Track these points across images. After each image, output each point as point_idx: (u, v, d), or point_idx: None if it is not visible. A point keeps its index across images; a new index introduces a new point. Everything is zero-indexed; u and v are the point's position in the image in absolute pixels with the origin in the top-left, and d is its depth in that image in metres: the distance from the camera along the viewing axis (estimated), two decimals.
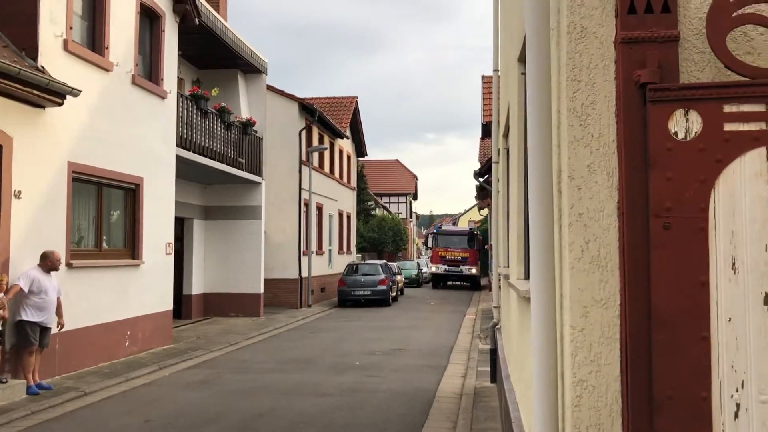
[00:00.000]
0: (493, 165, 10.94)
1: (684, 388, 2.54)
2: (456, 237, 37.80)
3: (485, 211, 32.91)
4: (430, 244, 39.51)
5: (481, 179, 21.93)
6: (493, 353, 10.02)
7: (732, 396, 2.51)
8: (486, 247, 27.59)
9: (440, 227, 42.95)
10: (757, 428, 2.48)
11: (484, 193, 23.29)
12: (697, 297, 2.54)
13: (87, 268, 11.31)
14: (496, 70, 10.90)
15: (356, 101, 33.22)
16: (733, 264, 2.53)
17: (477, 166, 25.12)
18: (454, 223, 70.89)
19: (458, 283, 38.17)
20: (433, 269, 37.52)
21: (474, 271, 36.08)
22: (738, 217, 2.54)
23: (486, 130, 21.83)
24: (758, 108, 2.53)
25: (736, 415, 2.50)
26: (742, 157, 2.54)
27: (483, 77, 25.50)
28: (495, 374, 9.82)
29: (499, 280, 10.65)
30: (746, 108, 2.54)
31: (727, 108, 2.55)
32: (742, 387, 2.51)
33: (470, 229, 39.93)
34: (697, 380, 2.53)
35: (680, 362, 2.54)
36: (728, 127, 2.54)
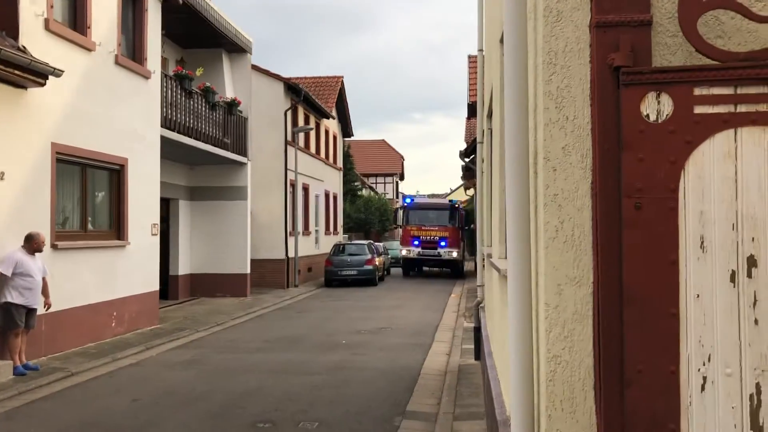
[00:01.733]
0: (478, 145, 11.02)
1: (653, 363, 2.62)
2: (433, 212, 30.48)
3: (471, 191, 27.77)
4: (399, 221, 31.47)
5: (467, 159, 21.98)
6: (477, 331, 10.16)
7: (699, 369, 2.60)
8: (472, 226, 27.72)
9: (413, 199, 33.49)
10: (723, 400, 2.58)
11: (470, 173, 23.34)
12: (666, 275, 2.62)
13: (72, 250, 11.30)
14: (480, 50, 10.94)
15: (342, 81, 33.09)
16: (702, 243, 2.61)
17: (463, 146, 25.15)
18: (432, 197, 58.53)
19: (435, 269, 32.19)
20: (404, 252, 30.13)
21: (455, 254, 29.39)
22: (707, 198, 2.61)
23: (472, 110, 21.85)
24: (727, 91, 2.59)
25: (703, 388, 2.60)
26: (712, 138, 2.60)
27: (469, 57, 25.51)
28: (479, 352, 9.96)
29: (483, 259, 10.76)
30: (716, 91, 2.60)
31: (698, 91, 2.61)
32: (709, 361, 2.60)
33: (451, 202, 32.46)
34: (666, 355, 2.62)
35: (650, 338, 2.63)
36: (698, 109, 2.61)
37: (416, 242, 29.50)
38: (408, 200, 32.86)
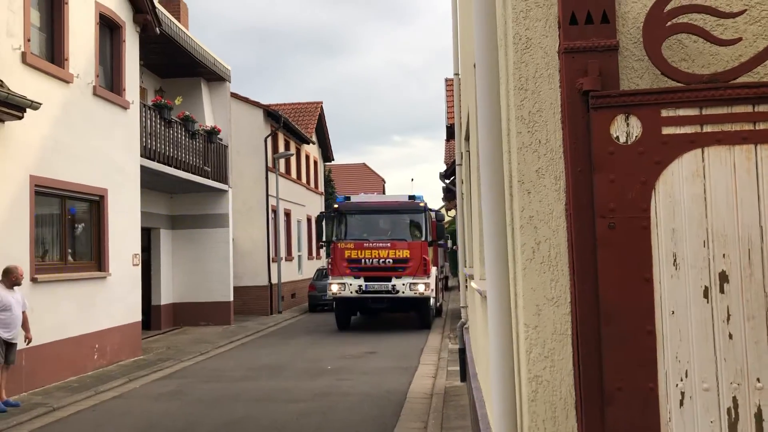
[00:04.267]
0: (457, 168, 11.11)
1: (632, 379, 2.66)
2: (383, 217, 19.10)
3: (453, 212, 26.53)
4: (324, 236, 19.20)
5: (447, 181, 22.12)
6: (462, 353, 10.17)
7: (677, 385, 2.65)
8: (454, 247, 27.64)
9: (348, 199, 20.26)
10: (701, 414, 2.62)
11: (450, 195, 23.46)
12: (642, 292, 2.68)
13: (52, 282, 11.19)
14: (456, 74, 11.07)
15: (321, 106, 33.23)
16: (675, 260, 2.67)
17: (443, 167, 25.31)
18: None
19: (386, 310, 19.02)
20: (334, 288, 18.10)
21: (423, 288, 17.75)
22: (678, 216, 2.68)
23: (451, 132, 22.02)
24: (693, 112, 2.67)
25: (681, 403, 2.64)
26: (680, 158, 2.68)
27: (446, 80, 25.75)
28: (464, 373, 9.96)
29: (466, 280, 10.80)
30: (682, 112, 2.68)
31: (665, 113, 2.69)
32: (686, 376, 2.65)
33: (414, 198, 19.41)
34: (644, 371, 2.66)
35: (628, 355, 2.67)
36: (666, 130, 2.68)
37: (356, 269, 17.87)
38: (341, 199, 20.00)
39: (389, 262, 17.84)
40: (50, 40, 11.62)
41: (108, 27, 13.48)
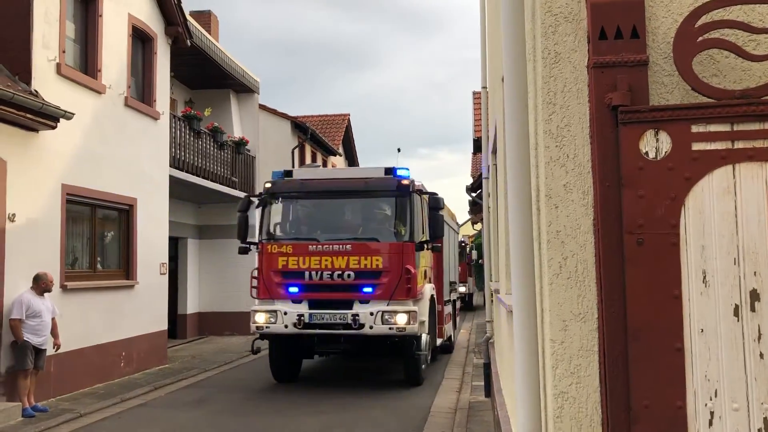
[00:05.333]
0: (483, 181, 11.08)
1: (660, 398, 2.63)
2: (341, 202, 12.14)
3: (479, 226, 26.73)
4: (246, 234, 11.94)
5: (473, 194, 22.08)
6: (487, 367, 10.09)
7: (706, 404, 2.61)
8: (479, 261, 27.41)
9: (289, 175, 12.40)
10: None
11: (476, 208, 23.40)
12: (670, 309, 2.65)
13: (81, 290, 11.35)
14: (484, 87, 11.07)
15: (348, 118, 33.42)
16: (704, 277, 2.64)
17: (470, 180, 25.27)
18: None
19: (346, 354, 12.65)
20: (259, 319, 11.15)
21: (405, 320, 10.72)
22: (708, 233, 2.65)
23: (477, 145, 21.99)
24: (724, 128, 2.65)
25: (710, 423, 2.60)
26: (710, 174, 2.65)
27: (474, 93, 25.74)
28: (489, 388, 9.89)
29: (492, 294, 10.75)
30: (713, 128, 2.65)
31: (695, 128, 2.66)
32: (716, 396, 2.61)
33: (393, 174, 11.74)
34: (672, 390, 2.63)
35: (656, 372, 2.64)
36: (696, 146, 2.66)
37: (295, 287, 11.26)
38: (277, 175, 12.45)
39: (349, 276, 11.01)
40: (84, 52, 11.85)
41: (140, 39, 13.72)
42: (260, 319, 11.23)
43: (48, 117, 9.92)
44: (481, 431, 8.35)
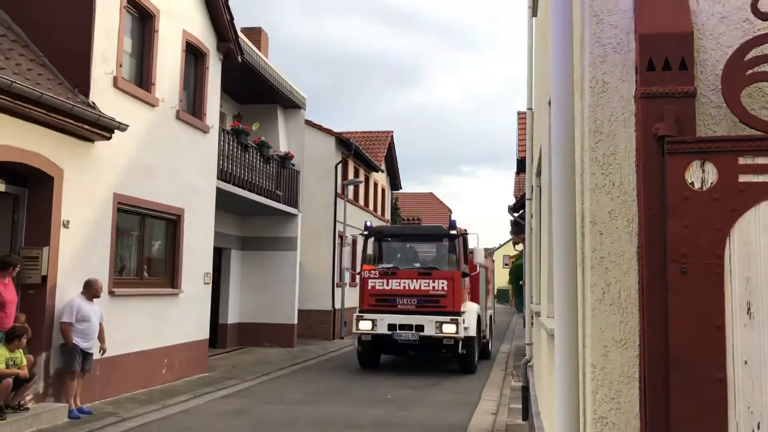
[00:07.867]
0: (527, 202, 11.06)
1: (701, 428, 2.64)
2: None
3: (520, 246, 26.24)
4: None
5: (515, 214, 21.95)
6: (525, 390, 10.02)
7: None
8: (520, 282, 27.17)
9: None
10: None
11: (518, 228, 23.25)
12: (713, 340, 2.66)
13: (128, 296, 11.65)
14: (530, 109, 11.08)
15: (391, 135, 33.63)
16: (749, 309, 2.64)
17: (512, 200, 25.12)
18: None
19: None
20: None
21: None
22: (753, 265, 2.65)
23: (521, 165, 21.88)
24: None
25: None
26: (757, 207, 2.66)
27: (518, 113, 25.66)
28: (527, 411, 9.81)
29: (532, 317, 10.69)
30: (760, 161, 2.67)
31: (742, 160, 2.68)
32: (758, 428, 2.60)
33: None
34: (713, 420, 2.63)
35: (697, 402, 2.65)
36: (743, 178, 2.68)
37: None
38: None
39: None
40: (139, 66, 12.24)
41: (193, 54, 14.10)
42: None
43: (103, 128, 10.27)
44: None
